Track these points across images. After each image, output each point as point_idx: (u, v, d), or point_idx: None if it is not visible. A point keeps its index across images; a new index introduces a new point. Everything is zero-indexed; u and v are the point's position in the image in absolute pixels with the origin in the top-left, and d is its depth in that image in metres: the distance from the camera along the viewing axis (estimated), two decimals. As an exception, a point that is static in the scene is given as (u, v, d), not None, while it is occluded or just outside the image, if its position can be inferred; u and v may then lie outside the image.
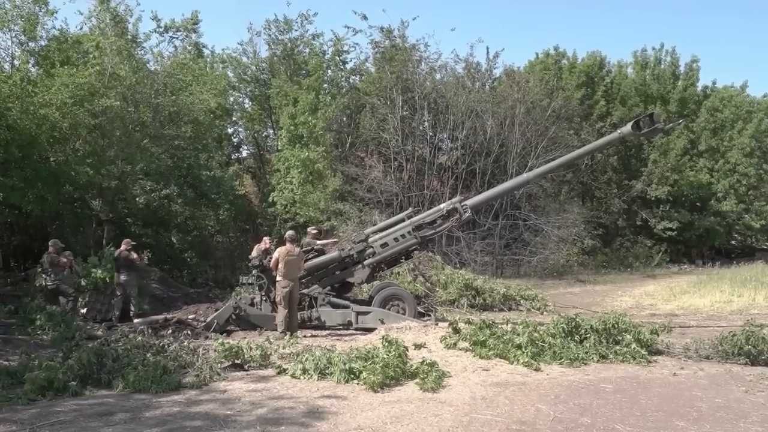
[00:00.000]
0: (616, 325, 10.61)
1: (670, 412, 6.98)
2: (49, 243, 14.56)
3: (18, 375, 8.41)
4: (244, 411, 7.06)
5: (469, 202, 15.13)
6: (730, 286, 20.97)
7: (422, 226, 14.52)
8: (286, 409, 7.10)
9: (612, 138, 14.85)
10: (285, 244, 12.80)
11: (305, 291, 13.67)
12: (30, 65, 20.60)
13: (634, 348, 9.98)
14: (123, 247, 15.11)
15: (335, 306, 13.78)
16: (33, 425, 6.56)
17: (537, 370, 9.07)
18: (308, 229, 16.28)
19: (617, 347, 10.07)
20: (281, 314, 12.40)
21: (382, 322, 13.03)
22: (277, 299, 12.54)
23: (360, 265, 14.37)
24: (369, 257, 14.35)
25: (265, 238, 16.32)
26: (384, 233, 14.75)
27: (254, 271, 13.97)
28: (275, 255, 12.73)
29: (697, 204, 38.32)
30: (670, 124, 13.72)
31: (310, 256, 14.25)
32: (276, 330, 12.35)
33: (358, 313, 13.52)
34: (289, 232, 13.42)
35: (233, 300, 14.21)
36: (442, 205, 15.00)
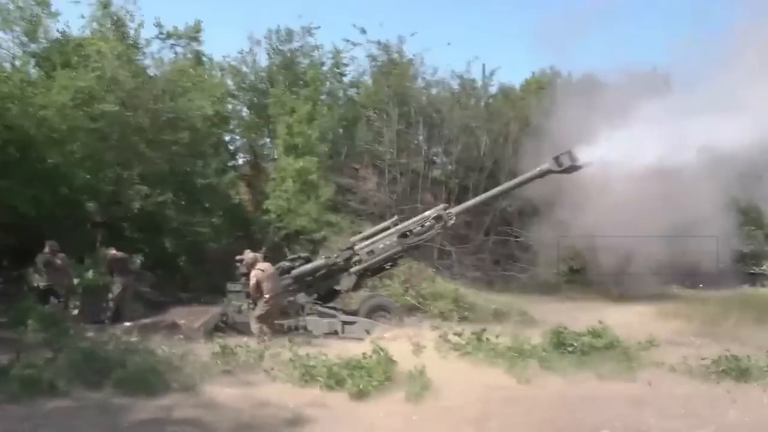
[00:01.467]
0: (606, 340, 10.72)
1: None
2: (47, 243, 14.65)
3: (6, 374, 8.47)
4: (228, 417, 7.15)
5: (454, 209, 15.34)
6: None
7: (408, 233, 14.65)
8: (270, 417, 7.18)
9: (533, 174, 15.22)
10: (255, 267, 12.89)
11: (291, 299, 13.78)
12: (30, 67, 20.72)
13: (623, 363, 10.07)
14: (113, 251, 15.23)
15: (322, 315, 13.87)
16: (18, 424, 6.62)
17: (526, 381, 9.16)
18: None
19: (607, 361, 10.14)
20: (257, 329, 12.42)
21: (368, 332, 13.10)
22: (257, 313, 12.56)
23: (346, 273, 14.48)
24: (355, 264, 14.46)
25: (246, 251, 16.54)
26: (370, 240, 14.89)
27: (242, 279, 14.08)
28: (253, 279, 12.76)
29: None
30: (587, 162, 14.28)
31: (297, 264, 14.39)
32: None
33: (344, 323, 13.61)
34: (253, 255, 13.61)
35: (221, 307, 14.31)
36: (427, 213, 15.19)
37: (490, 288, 25.92)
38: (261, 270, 12.68)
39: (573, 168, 14.41)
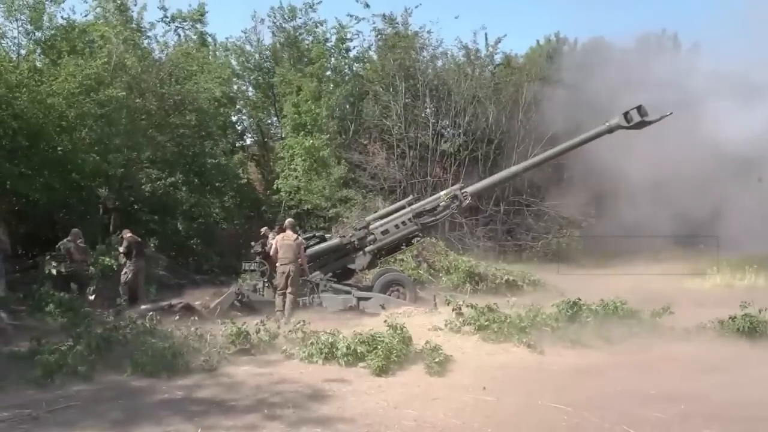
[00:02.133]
0: (617, 308, 10.73)
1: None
2: (71, 232, 14.99)
3: (28, 360, 8.54)
4: (249, 395, 7.20)
5: (470, 189, 15.29)
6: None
7: (423, 213, 14.67)
8: (291, 393, 7.22)
9: (600, 130, 14.76)
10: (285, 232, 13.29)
11: (307, 277, 13.88)
12: (37, 54, 20.75)
13: (636, 330, 10.07)
14: (129, 234, 15.34)
15: (337, 291, 13.96)
16: (43, 409, 6.68)
17: (540, 353, 9.18)
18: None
19: (619, 330, 10.12)
20: (278, 299, 12.85)
21: (383, 308, 13.13)
22: (275, 283, 13.11)
23: (361, 252, 14.54)
24: (370, 244, 14.51)
25: (262, 228, 16.63)
26: (385, 220, 14.95)
27: (257, 258, 14.21)
28: (273, 243, 13.19)
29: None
30: (659, 117, 13.83)
31: (312, 243, 14.44)
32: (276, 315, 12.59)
33: (359, 299, 13.68)
34: (288, 220, 14.04)
35: (236, 286, 14.44)
36: (442, 192, 15.19)
37: (502, 258, 25.95)
38: (281, 238, 13.09)
39: (643, 123, 13.99)
